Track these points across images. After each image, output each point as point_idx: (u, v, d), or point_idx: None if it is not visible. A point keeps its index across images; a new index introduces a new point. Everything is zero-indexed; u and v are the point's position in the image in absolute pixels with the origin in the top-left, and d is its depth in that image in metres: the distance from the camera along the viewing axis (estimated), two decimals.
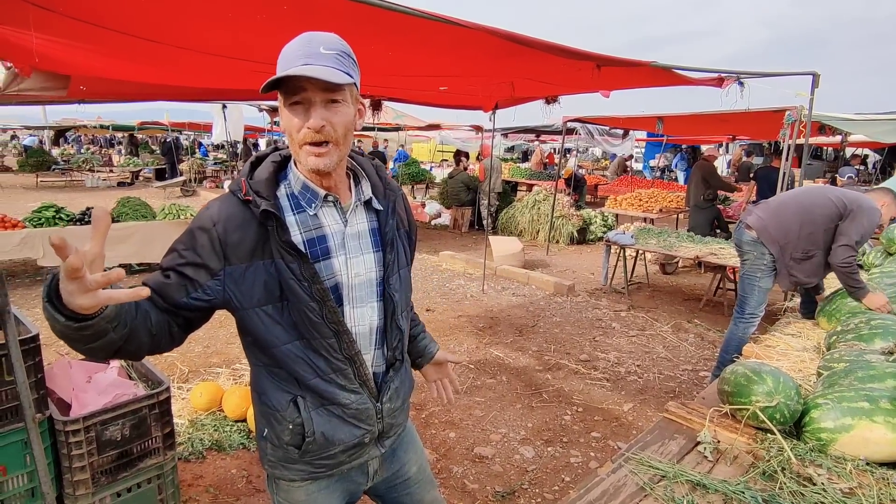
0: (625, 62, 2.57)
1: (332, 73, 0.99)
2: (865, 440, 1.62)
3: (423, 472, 1.48)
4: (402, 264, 1.25)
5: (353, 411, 1.17)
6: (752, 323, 3.34)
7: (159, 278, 1.06)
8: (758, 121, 6.25)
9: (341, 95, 1.04)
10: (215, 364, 3.92)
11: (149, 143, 23.78)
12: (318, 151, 1.04)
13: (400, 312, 1.23)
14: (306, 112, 1.02)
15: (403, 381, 1.30)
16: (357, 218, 1.18)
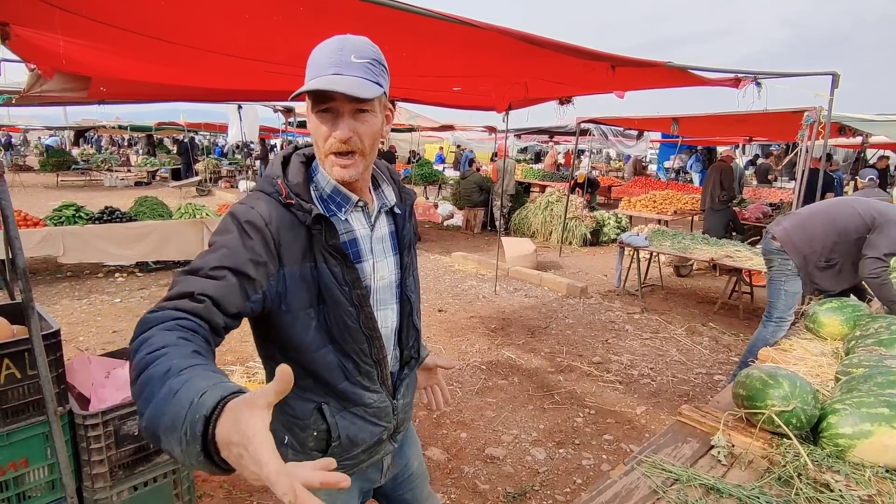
0: (640, 62, 2.56)
1: (361, 84, 0.98)
2: (885, 447, 1.59)
3: (422, 466, 1.51)
4: (415, 266, 1.28)
5: (375, 410, 1.18)
6: (782, 327, 3.34)
7: (215, 282, 0.92)
8: (775, 122, 6.16)
9: (369, 105, 1.03)
10: (229, 362, 3.97)
11: (165, 144, 24.14)
12: (343, 163, 1.04)
13: (416, 313, 1.26)
14: (334, 121, 1.02)
15: (413, 378, 1.34)
16: (381, 222, 1.19)
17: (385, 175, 1.25)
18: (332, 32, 1.04)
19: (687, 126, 7.75)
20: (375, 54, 1.04)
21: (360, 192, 1.14)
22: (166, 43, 2.41)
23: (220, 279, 0.92)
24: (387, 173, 1.26)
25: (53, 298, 5.36)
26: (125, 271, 6.42)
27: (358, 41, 1.03)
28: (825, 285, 3.14)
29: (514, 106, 5.28)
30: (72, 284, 5.86)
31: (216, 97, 4.77)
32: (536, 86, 3.88)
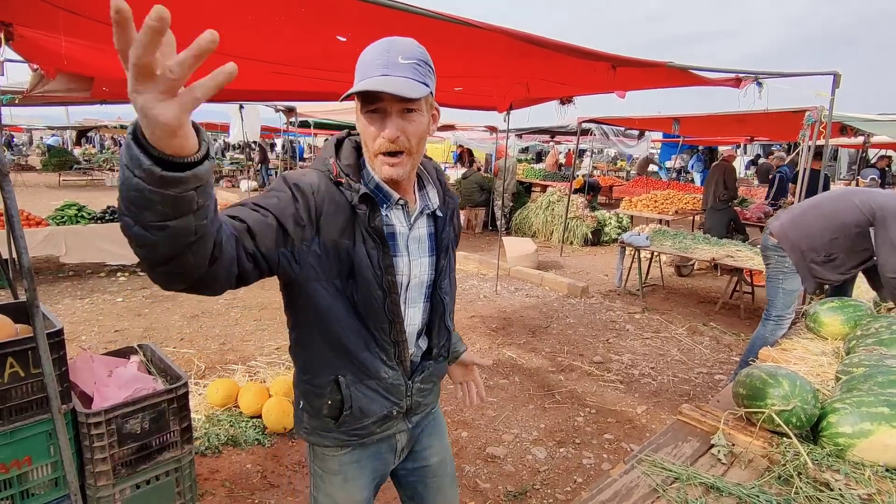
0: (640, 63, 2.56)
1: (409, 85, 1.01)
2: (885, 446, 1.59)
3: (444, 468, 1.48)
4: (452, 268, 1.31)
5: (388, 385, 1.23)
6: (781, 325, 3.31)
7: (258, 216, 0.98)
8: (777, 122, 6.16)
9: (417, 105, 1.05)
10: (231, 361, 3.98)
11: None
12: (392, 161, 1.07)
13: (448, 313, 1.31)
14: (382, 121, 1.04)
15: (437, 368, 1.36)
16: (420, 223, 1.22)
17: (432, 177, 1.27)
18: (333, 33, 1.05)
19: (688, 126, 7.75)
20: (422, 55, 1.07)
21: (404, 191, 1.17)
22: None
23: (263, 216, 0.98)
24: (433, 175, 1.28)
25: (56, 298, 5.37)
26: (127, 271, 6.44)
27: (405, 42, 1.06)
28: (829, 277, 3.09)
29: (515, 106, 5.28)
30: (74, 284, 5.88)
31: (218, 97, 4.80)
32: (537, 86, 3.89)
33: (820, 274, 3.13)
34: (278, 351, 4.22)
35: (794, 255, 3.20)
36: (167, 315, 4.99)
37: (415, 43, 1.08)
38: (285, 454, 2.83)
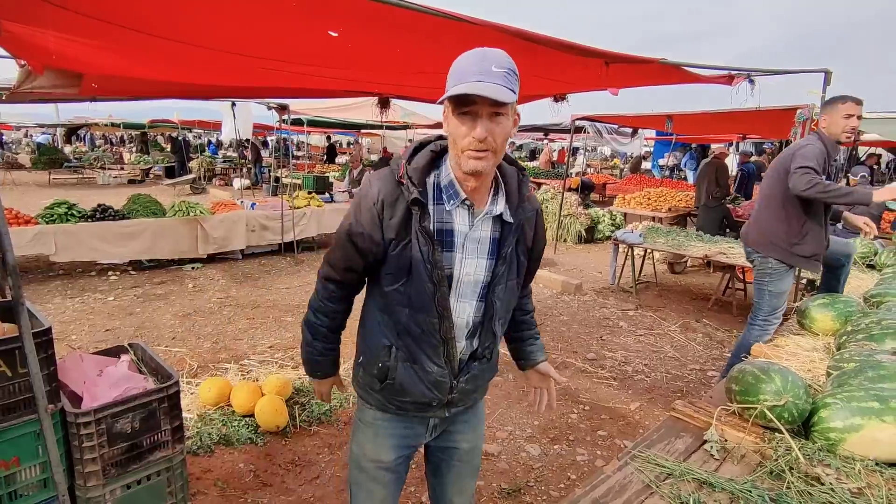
0: (634, 59, 2.56)
1: (501, 91, 1.11)
2: (875, 440, 1.60)
3: (470, 456, 1.57)
4: (511, 276, 1.36)
5: (433, 379, 1.35)
6: (766, 330, 3.22)
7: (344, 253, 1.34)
8: (769, 119, 6.19)
9: (504, 110, 1.15)
10: (224, 360, 3.95)
11: (158, 142, 23.99)
12: (479, 156, 1.17)
13: (497, 318, 1.37)
14: (473, 122, 1.15)
15: (485, 371, 1.44)
16: (483, 225, 1.31)
17: (510, 185, 1.32)
18: (325, 28, 1.05)
19: (681, 123, 7.78)
20: (511, 65, 1.16)
21: (476, 191, 1.26)
22: (158, 39, 2.38)
23: (346, 250, 1.32)
24: (513, 183, 1.32)
25: (45, 297, 5.32)
26: (118, 269, 6.38)
27: (498, 53, 1.17)
28: (817, 250, 3.08)
29: None
30: (64, 283, 5.82)
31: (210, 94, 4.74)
32: (531, 83, 3.87)
33: (806, 252, 3.09)
34: (271, 350, 4.20)
35: (777, 253, 3.16)
36: (159, 314, 4.95)
37: (504, 53, 1.18)
38: (278, 453, 2.82)
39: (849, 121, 2.90)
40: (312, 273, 6.64)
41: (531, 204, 1.37)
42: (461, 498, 1.61)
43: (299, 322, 5.06)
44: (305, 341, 1.56)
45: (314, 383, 1.67)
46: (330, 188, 9.22)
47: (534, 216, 1.39)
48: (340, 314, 1.51)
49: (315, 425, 3.09)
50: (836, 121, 2.93)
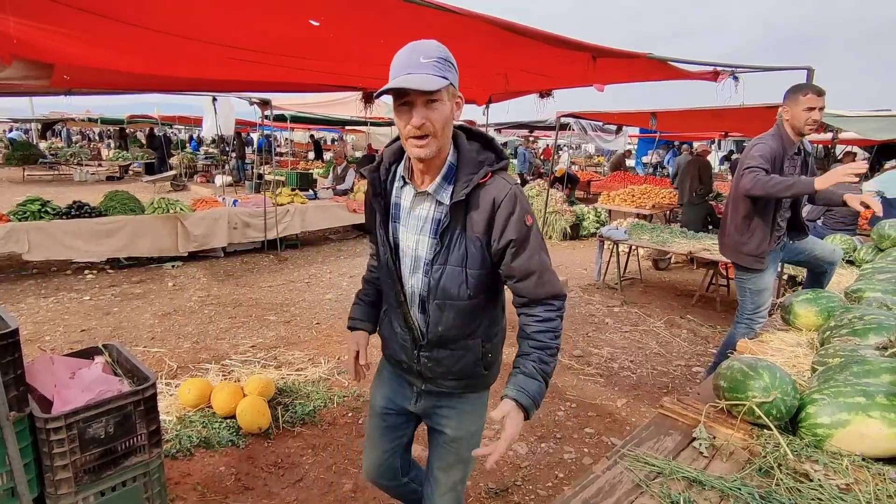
0: (621, 53, 2.54)
1: (427, 80, 1.22)
2: (861, 435, 1.60)
3: (456, 445, 1.60)
4: (454, 261, 1.39)
5: (399, 341, 1.54)
6: (752, 328, 3.19)
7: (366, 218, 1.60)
8: (751, 117, 6.24)
9: (438, 96, 1.25)
10: (204, 360, 3.86)
11: (138, 138, 23.50)
12: (419, 143, 1.29)
13: (434, 299, 1.42)
14: (410, 112, 1.26)
15: (451, 359, 1.50)
16: (425, 204, 1.42)
17: (463, 171, 1.36)
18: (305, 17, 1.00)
19: (665, 121, 7.83)
20: (441, 53, 1.26)
21: (424, 172, 1.39)
22: (130, 26, 2.27)
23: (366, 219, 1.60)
24: (466, 170, 1.36)
25: (18, 297, 5.15)
26: (95, 268, 6.22)
27: (426, 45, 1.27)
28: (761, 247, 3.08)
29: (494, 99, 5.24)
30: (38, 282, 5.64)
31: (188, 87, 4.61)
32: (517, 78, 3.85)
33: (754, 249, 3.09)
34: (253, 349, 4.11)
35: (729, 253, 3.21)
36: (137, 313, 4.83)
37: (436, 44, 1.28)
38: (260, 455, 2.75)
39: (811, 114, 2.86)
40: (296, 271, 6.55)
41: (488, 193, 1.35)
42: (445, 476, 1.64)
43: (282, 321, 4.98)
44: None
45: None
46: (314, 185, 9.11)
47: (490, 205, 1.34)
48: (375, 269, 1.71)
49: (298, 426, 3.03)
50: (797, 113, 2.90)
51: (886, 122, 6.02)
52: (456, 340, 1.48)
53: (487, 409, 1.65)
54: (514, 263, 1.40)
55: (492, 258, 1.41)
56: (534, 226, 1.41)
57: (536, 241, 1.42)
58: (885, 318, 2.31)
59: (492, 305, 1.54)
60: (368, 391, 3.44)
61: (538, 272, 1.43)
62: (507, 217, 1.35)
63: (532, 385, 1.40)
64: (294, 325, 4.69)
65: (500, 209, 1.35)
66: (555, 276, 1.48)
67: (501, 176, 1.40)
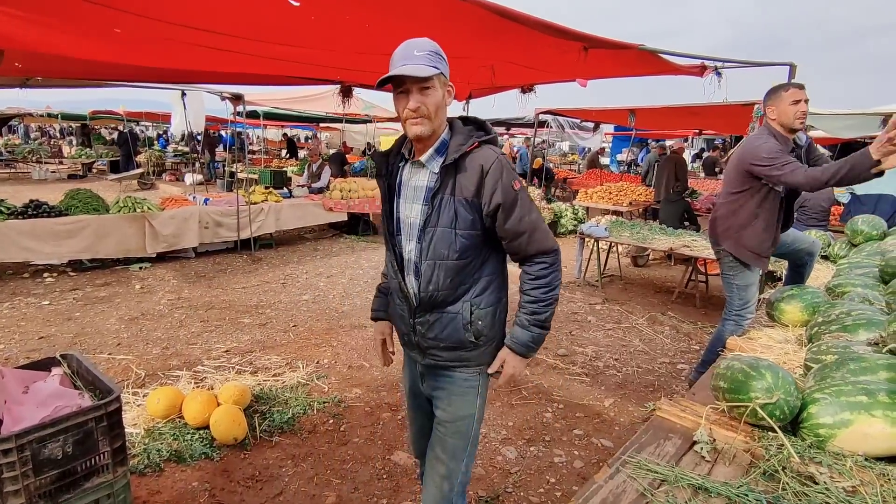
0: (614, 44, 2.47)
1: (421, 69, 1.41)
2: (864, 435, 1.56)
3: (447, 429, 1.66)
4: (444, 223, 1.51)
5: (398, 312, 1.68)
6: (740, 324, 3.18)
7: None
8: (727, 115, 6.32)
9: (430, 83, 1.44)
10: (175, 367, 3.66)
11: (103, 135, 22.64)
12: (415, 121, 1.46)
13: (426, 258, 1.53)
14: (407, 97, 1.45)
15: (442, 324, 1.58)
16: (419, 175, 1.57)
17: (454, 143, 1.51)
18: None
19: (643, 118, 7.88)
20: (433, 48, 1.46)
21: (420, 150, 1.55)
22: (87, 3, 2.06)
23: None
24: (457, 141, 1.51)
25: None
26: (55, 271, 5.89)
27: (420, 41, 1.46)
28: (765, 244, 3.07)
29: (474, 95, 5.14)
30: None
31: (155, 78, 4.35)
32: (504, 70, 3.73)
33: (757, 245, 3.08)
34: (227, 354, 3.93)
35: (728, 243, 3.16)
36: (102, 318, 4.57)
37: (428, 41, 1.47)
38: (236, 468, 2.59)
39: (798, 106, 2.83)
40: (271, 271, 6.34)
41: (475, 160, 1.50)
42: (431, 468, 1.71)
43: (257, 324, 4.76)
44: None
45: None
46: (288, 183, 8.88)
47: (478, 171, 1.49)
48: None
49: (277, 435, 2.88)
50: (784, 109, 2.86)
51: (855, 121, 6.17)
52: (444, 303, 1.57)
53: (484, 405, 1.70)
54: (506, 226, 1.52)
55: (482, 221, 1.53)
56: (521, 190, 1.53)
57: (525, 203, 1.53)
58: (873, 314, 2.30)
59: (481, 270, 1.60)
60: (349, 396, 3.34)
61: (528, 232, 1.54)
62: (496, 182, 1.49)
63: (524, 335, 1.61)
64: (270, 327, 4.51)
65: (489, 175, 1.49)
66: (544, 234, 1.58)
67: (489, 147, 1.54)
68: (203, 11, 2.18)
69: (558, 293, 1.63)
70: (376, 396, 3.38)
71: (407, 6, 2.01)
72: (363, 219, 8.68)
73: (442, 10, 1.97)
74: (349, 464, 2.69)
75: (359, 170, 13.16)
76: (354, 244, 8.12)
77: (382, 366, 1.90)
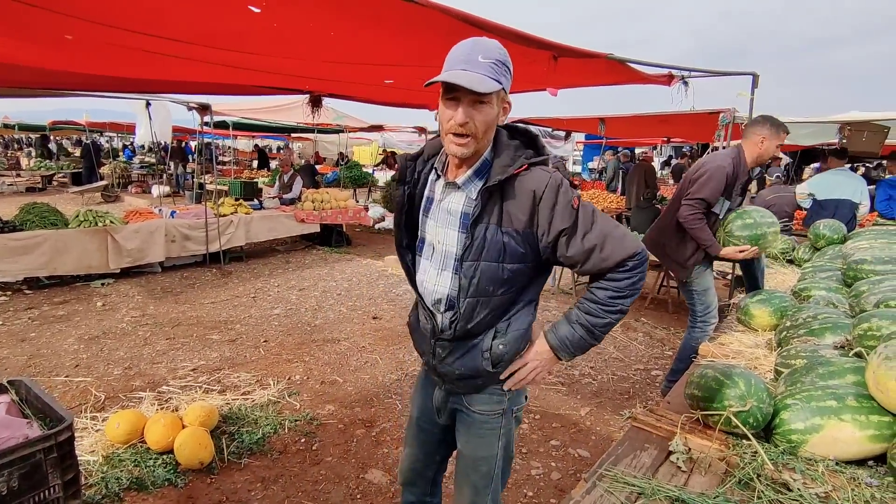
0: (583, 53, 2.48)
1: (481, 80, 1.20)
2: (835, 439, 1.58)
3: (466, 464, 1.55)
4: (489, 257, 1.33)
5: (421, 327, 1.52)
6: (706, 330, 3.23)
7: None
8: (695, 123, 6.48)
9: (487, 98, 1.23)
10: (138, 388, 3.50)
11: (65, 146, 21.91)
12: (459, 142, 1.27)
13: (465, 297, 1.36)
14: (456, 107, 1.24)
15: (465, 357, 1.43)
16: (452, 196, 1.39)
17: (499, 163, 1.33)
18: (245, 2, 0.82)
19: (613, 126, 8.01)
20: (501, 56, 1.25)
21: (458, 167, 1.37)
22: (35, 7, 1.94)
23: None
24: (502, 161, 1.32)
25: None
26: (10, 289, 5.60)
27: (489, 44, 1.26)
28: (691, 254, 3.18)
29: None
30: None
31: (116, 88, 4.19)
32: None
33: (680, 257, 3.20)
34: (195, 373, 3.78)
35: (656, 251, 3.28)
36: (59, 339, 4.35)
37: (498, 45, 1.26)
38: (202, 494, 2.48)
39: (778, 150, 3.08)
40: (242, 285, 6.18)
41: (524, 185, 1.31)
42: (462, 493, 1.59)
43: (226, 340, 4.61)
44: None
45: None
46: (259, 194, 8.70)
47: (530, 198, 1.30)
48: None
49: (246, 457, 2.77)
50: (770, 147, 3.02)
51: (815, 129, 6.38)
52: (478, 334, 1.42)
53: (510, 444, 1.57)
54: (570, 252, 1.33)
55: (540, 252, 1.36)
56: (580, 206, 1.33)
57: (587, 218, 1.33)
58: (837, 317, 2.35)
59: (521, 296, 1.44)
60: (322, 413, 3.25)
61: (598, 246, 1.33)
62: (552, 208, 1.31)
63: (566, 329, 1.42)
64: (239, 343, 4.37)
65: (543, 201, 1.31)
66: (618, 240, 1.33)
67: (540, 168, 1.34)
68: (160, 18, 2.08)
69: (628, 304, 1.37)
70: (350, 413, 3.29)
71: (371, 13, 1.97)
72: (336, 230, 8.57)
73: (405, 17, 1.93)
74: (322, 484, 2.60)
75: (331, 180, 13.02)
76: (328, 256, 8.00)
77: None
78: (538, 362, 1.45)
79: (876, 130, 5.40)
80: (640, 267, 1.36)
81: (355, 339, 4.53)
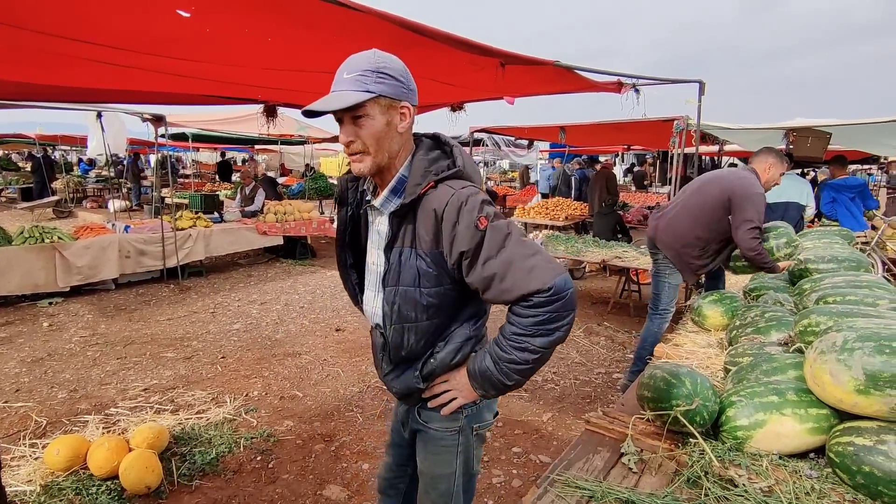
0: (529, 60, 2.51)
1: (339, 97, 1.17)
2: (777, 434, 1.61)
3: (424, 481, 1.54)
4: (406, 282, 1.29)
5: (374, 341, 1.47)
6: (665, 319, 3.55)
7: None
8: (651, 130, 6.66)
9: (363, 111, 1.19)
10: (83, 411, 3.33)
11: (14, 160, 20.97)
12: (354, 159, 1.25)
13: (390, 324, 1.34)
14: (342, 129, 1.22)
15: (402, 376, 1.42)
16: (378, 218, 1.37)
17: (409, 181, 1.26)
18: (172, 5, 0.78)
19: (573, 134, 8.16)
20: (372, 65, 1.19)
21: (380, 186, 1.34)
22: None
23: None
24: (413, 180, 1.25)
25: None
26: None
27: (358, 58, 1.21)
28: (705, 265, 3.40)
29: None
30: None
31: (57, 96, 3.97)
32: (424, 87, 3.65)
33: (696, 266, 3.41)
34: (146, 392, 3.62)
35: (669, 252, 3.48)
36: None
37: (369, 55, 1.21)
38: None
39: (780, 178, 3.31)
40: (200, 300, 5.99)
41: (429, 204, 1.23)
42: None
43: (182, 358, 4.45)
44: None
45: None
46: (220, 207, 8.49)
47: (432, 217, 1.23)
48: None
49: (198, 478, 2.66)
50: (775, 174, 3.27)
51: (764, 134, 6.64)
52: (415, 360, 1.40)
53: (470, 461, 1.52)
54: (469, 278, 1.25)
55: (450, 274, 1.28)
56: (488, 227, 1.20)
57: (494, 241, 1.21)
58: (782, 314, 2.42)
59: (461, 315, 1.39)
60: (280, 429, 3.15)
61: (498, 275, 1.20)
62: (453, 227, 1.22)
63: (481, 361, 1.33)
64: (196, 360, 4.22)
65: (444, 221, 1.22)
66: (524, 271, 1.19)
67: (446, 183, 1.25)
68: (86, 22, 1.98)
69: (539, 344, 1.23)
70: (309, 428, 3.21)
71: (305, 18, 1.93)
72: (300, 241, 8.43)
73: (340, 22, 1.90)
74: (277, 503, 2.51)
75: (297, 192, 12.83)
76: (291, 268, 7.84)
77: None
78: (455, 390, 1.39)
79: (819, 136, 5.65)
80: (548, 305, 1.19)
81: (317, 353, 4.44)
